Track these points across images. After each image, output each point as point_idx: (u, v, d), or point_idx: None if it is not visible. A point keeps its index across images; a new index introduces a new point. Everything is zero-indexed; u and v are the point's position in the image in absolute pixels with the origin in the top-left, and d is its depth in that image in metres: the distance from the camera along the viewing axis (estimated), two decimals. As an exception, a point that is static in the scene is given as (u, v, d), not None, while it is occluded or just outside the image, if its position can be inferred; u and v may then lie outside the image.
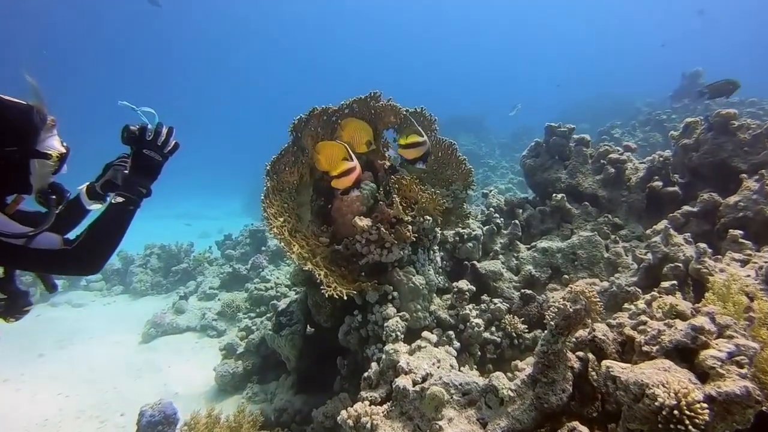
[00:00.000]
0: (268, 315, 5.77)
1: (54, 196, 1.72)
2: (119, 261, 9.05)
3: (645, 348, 2.10)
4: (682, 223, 3.86)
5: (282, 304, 4.51)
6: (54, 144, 1.67)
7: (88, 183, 2.07)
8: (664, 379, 1.79)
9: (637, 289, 3.14)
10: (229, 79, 53.48)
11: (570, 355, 2.22)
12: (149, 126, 1.73)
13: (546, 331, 2.15)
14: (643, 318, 2.28)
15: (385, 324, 3.17)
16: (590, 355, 2.27)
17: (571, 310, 2.08)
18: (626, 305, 3.05)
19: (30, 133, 1.60)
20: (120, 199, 1.68)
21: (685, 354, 1.98)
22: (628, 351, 2.25)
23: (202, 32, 50.17)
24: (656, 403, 1.72)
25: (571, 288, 2.11)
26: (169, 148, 1.79)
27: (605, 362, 2.10)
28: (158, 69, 49.14)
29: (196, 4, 46.50)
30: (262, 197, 3.25)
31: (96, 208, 2.08)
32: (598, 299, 2.11)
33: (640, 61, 43.77)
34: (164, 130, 1.75)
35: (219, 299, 7.34)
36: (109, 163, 2.05)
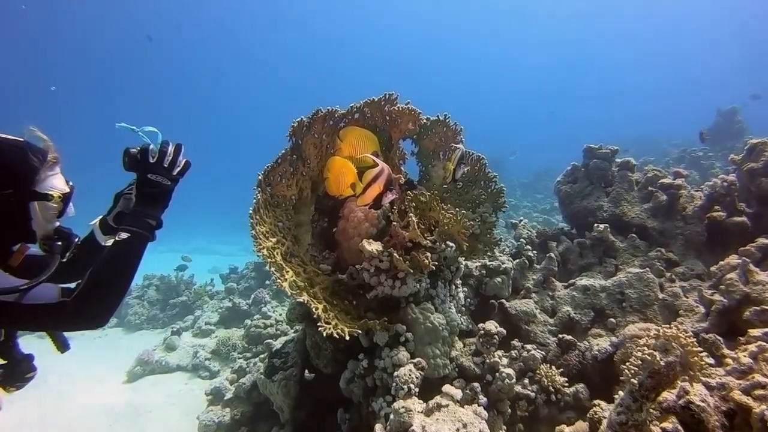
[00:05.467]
0: (262, 356, 5.15)
1: (60, 243, 1.53)
2: (115, 292, 8.52)
3: (771, 423, 1.44)
4: (759, 259, 3.20)
5: (277, 344, 3.91)
6: (56, 183, 1.50)
7: (100, 217, 1.84)
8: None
9: (717, 338, 2.47)
10: (240, 111, 53.85)
11: (654, 428, 1.56)
12: (152, 146, 1.52)
13: (625, 393, 1.50)
14: (759, 378, 1.62)
15: (396, 373, 2.53)
16: (680, 429, 1.61)
17: (662, 363, 1.44)
18: (695, 359, 2.40)
19: (27, 173, 1.43)
20: (125, 236, 1.46)
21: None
22: (740, 426, 1.58)
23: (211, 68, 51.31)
24: None
25: (661, 331, 1.48)
26: (179, 168, 1.57)
27: (711, 442, 1.44)
28: (167, 102, 49.92)
29: (206, 30, 47.87)
30: (251, 212, 2.70)
31: None
32: (701, 349, 1.46)
33: (663, 103, 43.50)
34: (170, 149, 1.54)
35: (215, 336, 6.74)
36: (119, 192, 1.81)
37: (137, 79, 46.05)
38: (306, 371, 3.54)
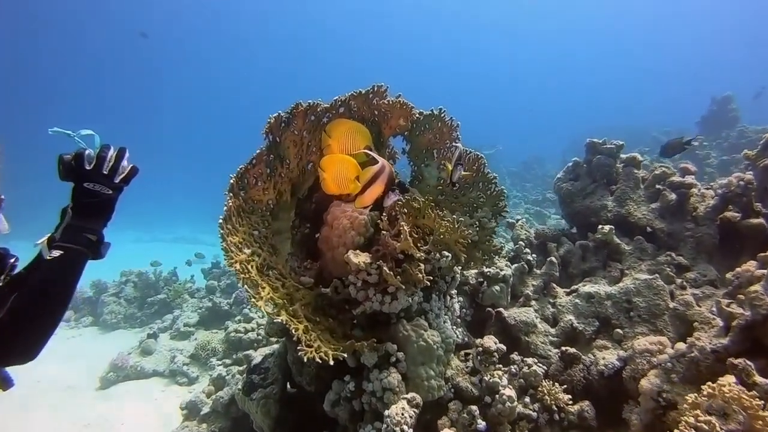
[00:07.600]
0: (241, 369, 4.84)
1: None
2: (91, 289, 8.18)
3: None
4: (780, 266, 2.94)
5: (257, 357, 3.61)
6: None
7: (48, 235, 1.55)
8: None
9: (748, 363, 2.20)
10: (227, 96, 52.79)
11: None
12: (89, 151, 1.35)
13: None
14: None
15: (387, 413, 2.24)
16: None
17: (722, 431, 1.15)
18: (761, 424, 2.12)
19: None
20: (57, 253, 1.28)
21: None
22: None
23: (194, 52, 50.39)
24: None
25: (717, 390, 1.19)
26: (122, 175, 1.39)
27: None
28: (148, 87, 48.89)
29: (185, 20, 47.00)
30: (221, 221, 2.37)
31: None
32: (767, 414, 1.18)
33: (653, 90, 43.45)
34: (111, 154, 1.37)
35: (194, 339, 6.41)
36: (65, 207, 1.54)
37: (129, 71, 45.22)
38: (289, 386, 3.26)
